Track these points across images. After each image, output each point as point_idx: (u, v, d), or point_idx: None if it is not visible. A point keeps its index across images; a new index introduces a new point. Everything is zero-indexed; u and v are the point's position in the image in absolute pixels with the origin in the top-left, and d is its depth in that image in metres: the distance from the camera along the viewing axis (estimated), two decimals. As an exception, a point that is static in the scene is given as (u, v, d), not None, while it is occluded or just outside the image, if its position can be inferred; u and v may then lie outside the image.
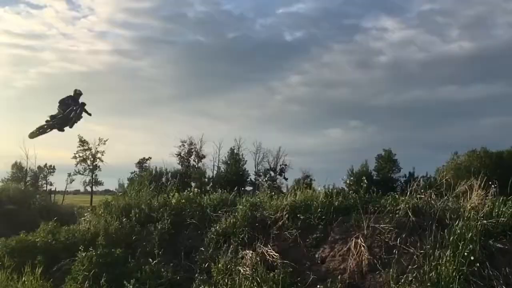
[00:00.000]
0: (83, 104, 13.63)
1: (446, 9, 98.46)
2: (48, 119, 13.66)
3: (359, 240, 8.97)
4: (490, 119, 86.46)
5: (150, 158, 60.50)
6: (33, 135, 13.86)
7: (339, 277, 8.71)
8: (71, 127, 13.70)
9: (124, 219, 12.37)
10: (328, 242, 9.62)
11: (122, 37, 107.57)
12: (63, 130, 13.67)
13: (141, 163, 61.07)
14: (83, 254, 10.53)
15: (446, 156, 57.73)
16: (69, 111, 13.45)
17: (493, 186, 9.18)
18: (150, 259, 10.45)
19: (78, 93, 13.73)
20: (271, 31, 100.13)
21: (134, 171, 58.20)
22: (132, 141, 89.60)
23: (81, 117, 13.66)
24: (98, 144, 59.09)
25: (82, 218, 13.95)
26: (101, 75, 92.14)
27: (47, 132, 13.72)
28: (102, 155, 59.20)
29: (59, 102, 13.58)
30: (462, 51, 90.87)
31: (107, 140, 58.70)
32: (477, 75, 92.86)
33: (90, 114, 13.84)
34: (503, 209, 8.48)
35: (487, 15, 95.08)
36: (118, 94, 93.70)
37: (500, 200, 8.78)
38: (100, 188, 62.40)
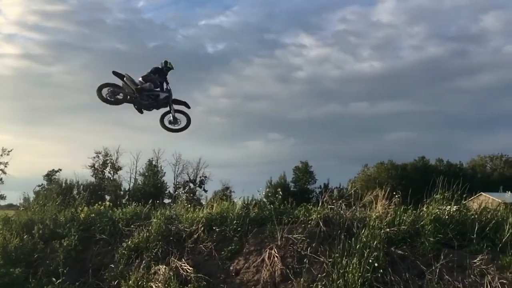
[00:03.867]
0: (187, 105, 11.08)
1: (358, 30, 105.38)
2: (130, 85, 10.36)
3: (273, 251, 9.12)
4: (397, 134, 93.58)
5: (60, 170, 56.75)
6: (102, 96, 10.34)
7: (252, 288, 8.76)
8: (164, 124, 10.81)
9: (26, 236, 11.46)
10: (243, 254, 9.65)
11: (33, 40, 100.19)
12: (141, 112, 10.79)
13: (50, 175, 57.01)
14: (-24, 276, 9.57)
15: (358, 168, 61.38)
16: (164, 97, 10.65)
17: (396, 196, 9.82)
18: (54, 279, 9.79)
19: (168, 67, 10.85)
20: (193, 42, 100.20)
21: (42, 184, 54.27)
22: (41, 151, 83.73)
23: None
24: (1, 155, 54.31)
25: (-23, 236, 12.68)
26: (8, 81, 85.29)
27: (127, 101, 10.57)
28: (6, 166, 54.49)
29: (151, 72, 10.69)
30: (372, 70, 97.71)
31: (11, 150, 54.16)
32: (385, 93, 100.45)
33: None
34: (404, 218, 9.09)
35: (394, 37, 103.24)
36: (26, 101, 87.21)
37: (402, 209, 9.40)
38: (2, 203, 57.30)
